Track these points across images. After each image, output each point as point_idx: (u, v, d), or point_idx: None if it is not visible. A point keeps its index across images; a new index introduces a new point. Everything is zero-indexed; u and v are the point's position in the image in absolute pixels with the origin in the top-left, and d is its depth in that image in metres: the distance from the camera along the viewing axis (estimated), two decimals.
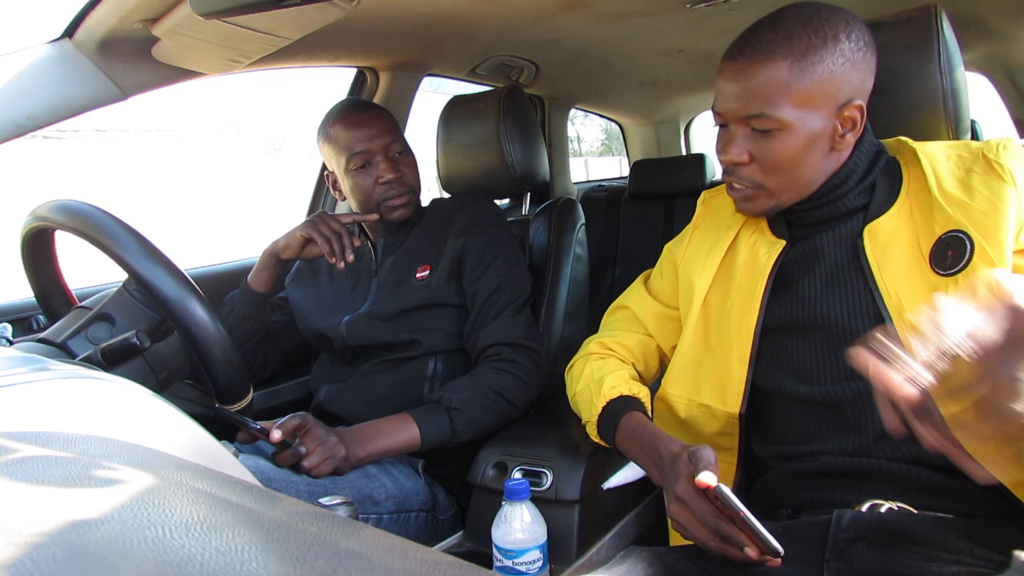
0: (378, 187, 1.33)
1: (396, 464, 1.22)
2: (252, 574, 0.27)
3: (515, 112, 1.50)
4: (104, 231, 0.83)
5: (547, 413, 1.31)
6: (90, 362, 0.85)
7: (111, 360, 0.86)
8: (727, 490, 0.73)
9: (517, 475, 1.05)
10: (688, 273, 1.04)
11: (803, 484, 0.90)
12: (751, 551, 0.73)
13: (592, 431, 1.01)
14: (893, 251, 0.86)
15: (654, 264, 1.14)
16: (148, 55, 1.21)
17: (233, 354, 0.88)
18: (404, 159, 1.37)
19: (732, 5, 1.58)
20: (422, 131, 1.97)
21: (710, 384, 0.96)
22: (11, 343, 0.89)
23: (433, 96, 2.05)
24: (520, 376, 1.24)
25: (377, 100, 1.75)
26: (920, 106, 0.97)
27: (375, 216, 1.35)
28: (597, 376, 1.02)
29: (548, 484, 1.02)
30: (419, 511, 1.20)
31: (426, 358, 1.32)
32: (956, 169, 0.85)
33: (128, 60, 1.20)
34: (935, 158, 0.87)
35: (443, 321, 1.32)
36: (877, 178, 0.91)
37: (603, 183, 3.01)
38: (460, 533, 1.11)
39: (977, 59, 2.45)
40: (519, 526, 0.94)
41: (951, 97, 0.96)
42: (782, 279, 0.94)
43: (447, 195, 1.57)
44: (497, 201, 1.58)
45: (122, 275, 0.89)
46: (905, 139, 0.92)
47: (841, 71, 0.84)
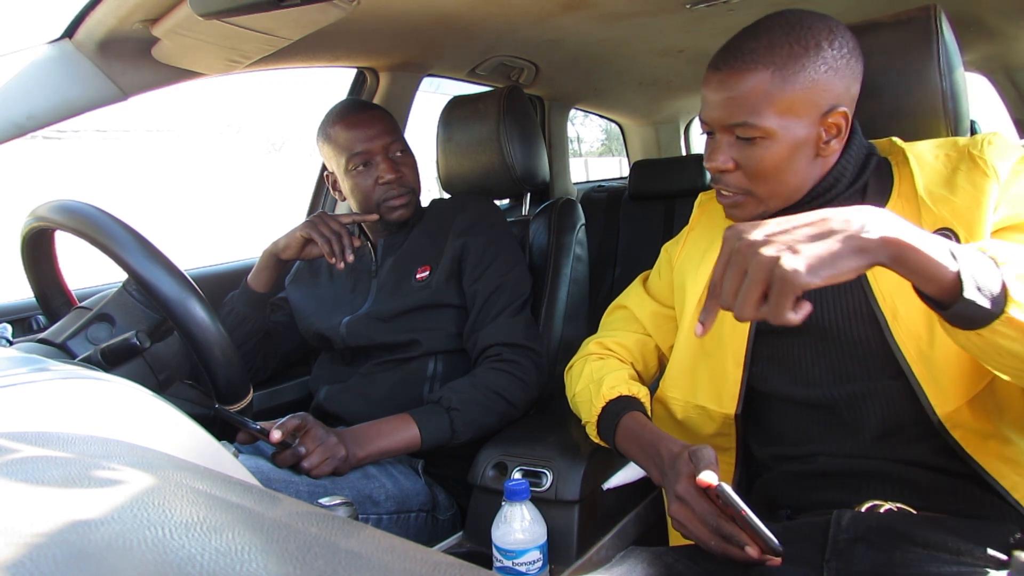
0: (378, 187, 1.33)
1: (396, 464, 1.22)
2: (252, 574, 0.27)
3: (515, 112, 1.50)
4: (104, 231, 0.83)
5: (547, 413, 1.31)
6: (90, 362, 0.85)
7: (111, 360, 0.86)
8: (728, 489, 0.73)
9: (517, 475, 1.05)
10: (682, 275, 1.04)
11: (802, 485, 0.90)
12: (752, 550, 0.73)
13: (592, 431, 1.01)
14: None
15: (654, 264, 1.14)
16: (148, 55, 1.21)
17: (233, 354, 0.88)
18: (404, 159, 1.37)
19: (732, 5, 1.58)
20: (422, 131, 1.97)
21: (706, 386, 0.96)
22: (11, 343, 0.89)
23: (433, 96, 2.05)
24: (520, 376, 1.24)
25: (377, 100, 1.75)
26: (920, 107, 0.97)
27: (375, 216, 1.35)
28: (596, 376, 1.02)
29: (548, 484, 1.02)
30: (419, 511, 1.20)
31: (426, 358, 1.32)
32: (943, 168, 0.85)
33: (128, 60, 1.20)
34: (923, 157, 0.88)
35: (443, 321, 1.32)
36: (868, 180, 0.91)
37: (603, 183, 3.01)
38: (460, 533, 1.11)
39: (977, 59, 2.45)
40: (519, 526, 0.94)
41: (951, 98, 0.95)
42: None
43: (447, 195, 1.57)
44: (497, 201, 1.59)
45: (122, 275, 0.89)
46: (896, 140, 0.92)
47: (824, 79, 0.84)
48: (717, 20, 1.70)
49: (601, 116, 3.05)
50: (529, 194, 1.65)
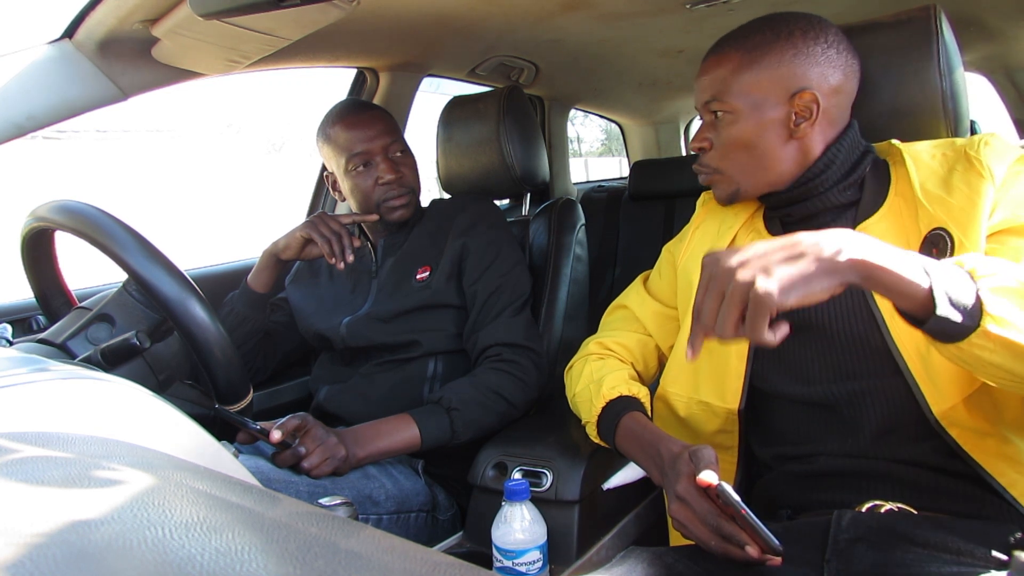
0: (378, 188, 1.33)
1: (396, 465, 1.22)
2: (252, 574, 0.27)
3: (515, 112, 1.50)
4: (104, 231, 0.83)
5: (547, 413, 1.31)
6: (90, 362, 0.85)
7: (111, 360, 0.86)
8: (728, 488, 0.73)
9: (517, 475, 1.05)
10: (687, 272, 1.04)
11: (803, 485, 0.90)
12: (752, 550, 0.73)
13: (592, 431, 1.01)
14: None
15: (654, 264, 1.14)
16: (148, 55, 1.21)
17: (233, 354, 0.88)
18: (404, 160, 1.37)
19: (732, 5, 1.58)
20: (422, 131, 1.97)
21: (709, 381, 0.96)
22: (11, 343, 0.89)
23: (433, 96, 2.05)
24: (520, 376, 1.24)
25: (377, 101, 1.75)
26: (919, 107, 0.97)
27: (375, 217, 1.35)
28: (596, 376, 1.02)
29: (548, 484, 1.02)
30: (419, 511, 1.20)
31: (426, 359, 1.32)
32: (940, 168, 0.86)
33: (128, 60, 1.20)
34: (919, 157, 0.88)
35: (443, 322, 1.32)
36: (866, 179, 0.91)
37: (603, 183, 3.01)
38: (460, 533, 1.11)
39: (977, 59, 2.45)
40: (519, 526, 0.94)
41: (951, 98, 0.95)
42: None
43: (447, 195, 1.57)
44: (497, 201, 1.59)
45: (122, 275, 0.89)
46: (894, 141, 0.93)
47: (792, 62, 0.89)
48: (717, 20, 1.70)
49: (601, 116, 3.05)
50: (529, 194, 1.65)
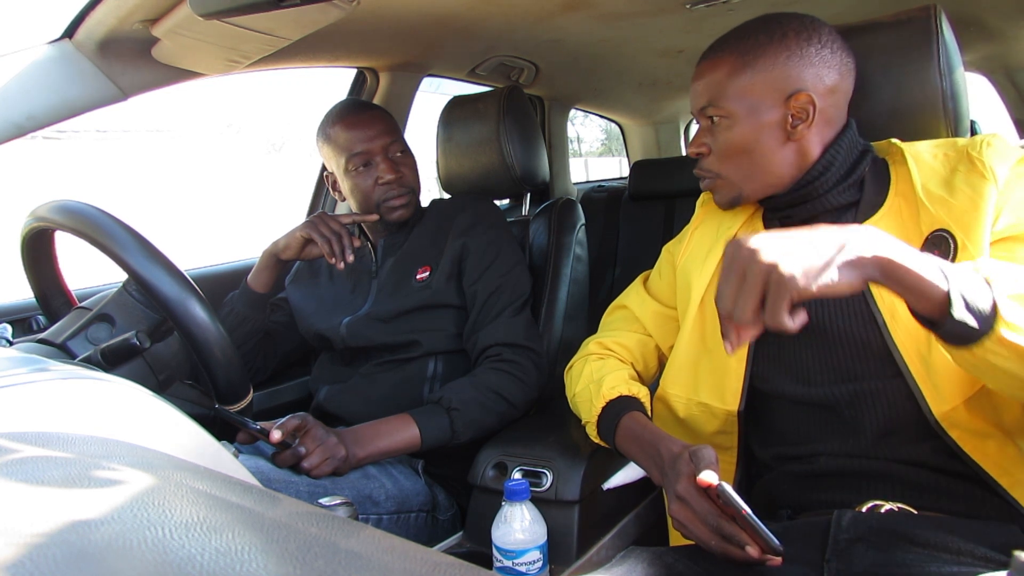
0: (378, 188, 1.33)
1: (396, 465, 1.22)
2: (252, 574, 0.27)
3: (515, 112, 1.50)
4: (104, 231, 0.83)
5: (547, 413, 1.31)
6: (90, 362, 0.85)
7: (111, 360, 0.86)
8: (729, 488, 0.73)
9: (517, 475, 1.05)
10: (687, 273, 1.04)
11: (803, 485, 0.90)
12: (752, 550, 0.73)
13: (592, 431, 1.01)
14: None
15: (654, 264, 1.14)
16: (148, 55, 1.21)
17: (233, 354, 0.88)
18: (404, 160, 1.37)
19: (732, 5, 1.58)
20: (422, 131, 1.97)
21: (708, 383, 0.96)
22: (11, 343, 0.89)
23: (433, 96, 2.05)
24: (520, 376, 1.24)
25: (377, 101, 1.75)
26: (920, 107, 0.97)
27: (375, 217, 1.35)
28: (596, 376, 1.02)
29: (548, 484, 1.02)
30: (419, 511, 1.20)
31: (426, 359, 1.32)
32: (942, 168, 0.86)
33: (128, 60, 1.20)
34: (921, 157, 0.88)
35: (443, 322, 1.32)
36: (866, 179, 0.91)
37: (603, 183, 3.01)
38: (460, 533, 1.11)
39: (977, 59, 2.45)
40: (519, 526, 0.94)
41: (951, 98, 0.95)
42: None
43: (447, 195, 1.57)
44: (497, 201, 1.59)
45: (122, 275, 0.89)
46: (894, 140, 0.92)
47: (786, 64, 0.88)
48: (717, 20, 1.70)
49: (601, 116, 3.05)
50: (529, 194, 1.65)
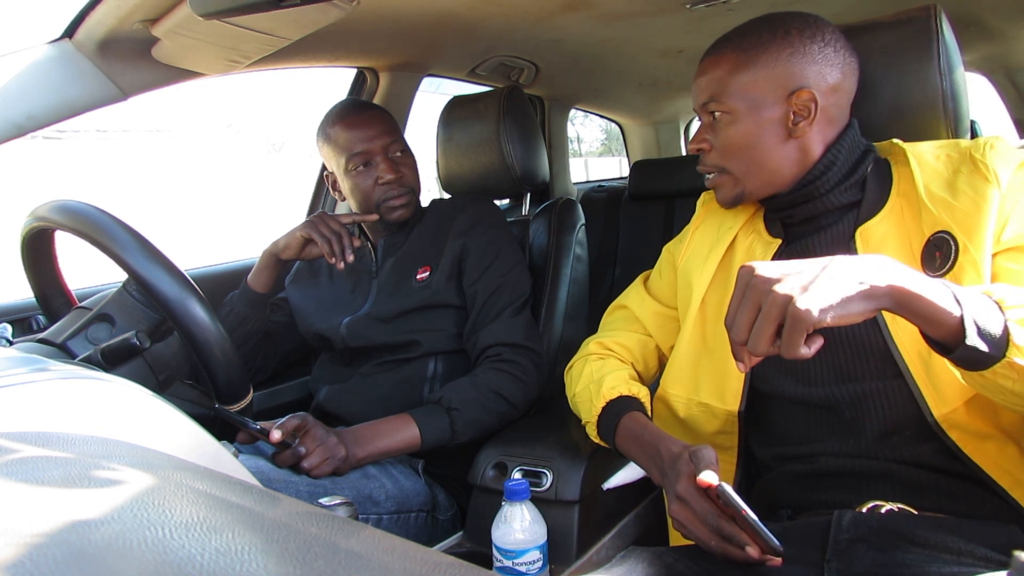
0: (378, 188, 1.33)
1: (396, 464, 1.22)
2: (252, 574, 0.27)
3: (515, 112, 1.50)
4: (104, 231, 0.83)
5: (547, 413, 1.31)
6: (90, 362, 0.85)
7: (111, 360, 0.86)
8: (729, 489, 0.73)
9: (517, 475, 1.05)
10: (687, 273, 1.04)
11: (803, 485, 0.90)
12: (752, 550, 0.73)
13: (592, 431, 1.01)
14: (886, 253, 0.85)
15: (654, 264, 1.14)
16: (148, 55, 1.21)
17: (233, 354, 0.88)
18: (404, 160, 1.37)
19: (732, 5, 1.58)
20: (422, 131, 1.97)
21: (709, 383, 0.96)
22: (11, 343, 0.89)
23: (433, 96, 2.05)
24: (520, 376, 1.24)
25: (377, 100, 1.75)
26: (920, 107, 0.97)
27: (375, 217, 1.35)
28: (597, 376, 1.02)
29: (548, 484, 1.02)
30: (419, 511, 1.20)
31: (426, 359, 1.32)
32: (944, 169, 0.85)
33: (128, 60, 1.20)
34: (923, 158, 0.88)
35: (443, 322, 1.32)
36: (868, 179, 0.91)
37: (603, 183, 3.01)
38: (460, 533, 1.11)
39: (977, 59, 2.45)
40: (519, 526, 0.94)
41: (951, 98, 0.95)
42: None
43: (447, 195, 1.57)
44: (497, 201, 1.58)
45: (122, 275, 0.89)
46: (896, 141, 0.92)
47: (788, 60, 0.89)
48: (717, 20, 1.70)
49: (601, 116, 3.05)
50: (529, 194, 1.65)
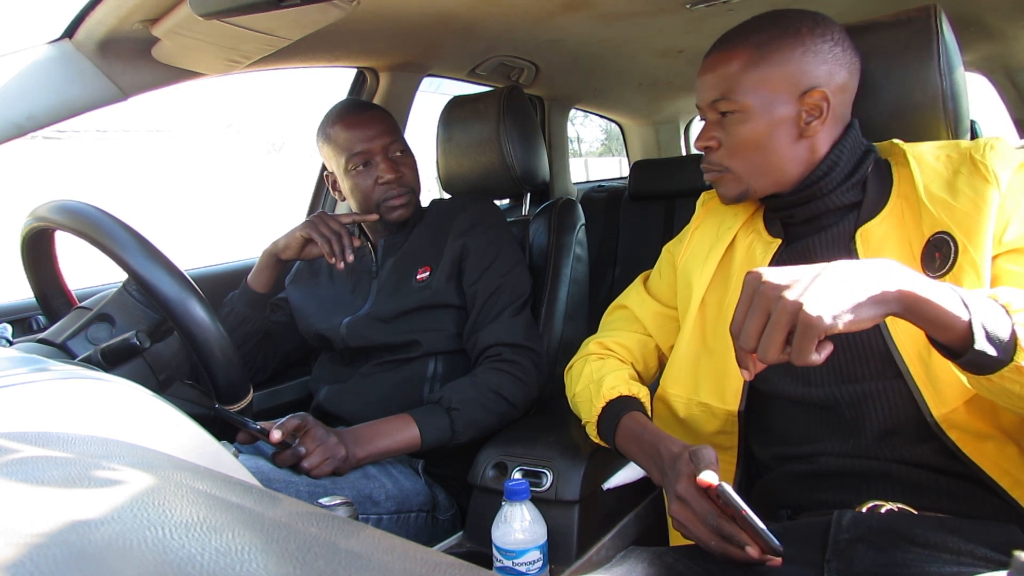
0: (378, 187, 1.33)
1: (396, 464, 1.22)
2: (252, 574, 0.27)
3: (515, 112, 1.50)
4: (104, 231, 0.83)
5: (547, 413, 1.31)
6: (90, 362, 0.85)
7: (111, 360, 0.86)
8: (729, 489, 0.73)
9: (517, 475, 1.05)
10: (687, 273, 1.04)
11: (803, 485, 0.90)
12: (752, 550, 0.73)
13: (592, 431, 1.01)
14: (886, 253, 0.85)
15: (654, 264, 1.14)
16: (148, 55, 1.21)
17: (233, 354, 0.88)
18: (404, 160, 1.37)
19: (732, 5, 1.58)
20: (422, 131, 1.97)
21: (709, 383, 0.96)
22: (11, 343, 0.89)
23: (433, 96, 2.05)
24: (520, 376, 1.24)
25: (377, 100, 1.75)
26: (920, 107, 0.97)
27: (375, 216, 1.35)
28: (597, 376, 1.02)
29: (548, 484, 1.02)
30: (419, 511, 1.20)
31: (426, 359, 1.32)
32: (944, 170, 0.85)
33: (128, 60, 1.20)
34: (923, 159, 0.88)
35: (443, 322, 1.32)
36: (868, 179, 0.91)
37: (603, 183, 3.01)
38: (460, 533, 1.11)
39: (977, 59, 2.45)
40: (519, 526, 0.94)
41: (951, 98, 0.95)
42: None
43: (447, 195, 1.57)
44: (497, 201, 1.58)
45: (122, 275, 0.89)
46: (896, 141, 0.92)
47: (800, 59, 0.88)
48: (717, 20, 1.70)
49: (601, 116, 3.05)
50: (529, 194, 1.65)
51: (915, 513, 0.82)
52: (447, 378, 1.30)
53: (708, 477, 0.74)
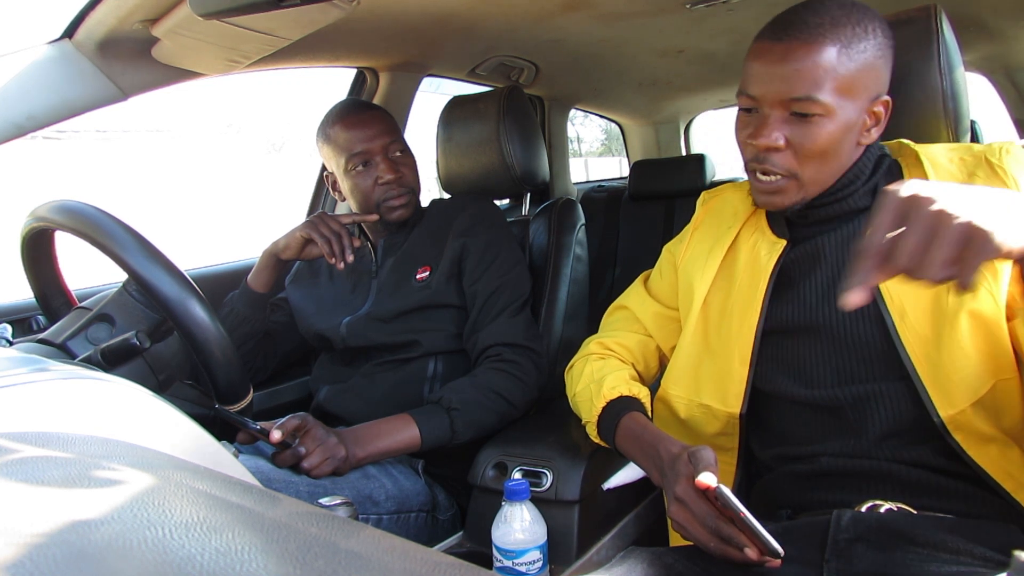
0: (378, 188, 1.33)
1: (396, 465, 1.22)
2: (252, 574, 0.27)
3: (515, 112, 1.50)
4: (104, 231, 0.83)
5: (547, 413, 1.31)
6: (90, 362, 0.85)
7: (111, 360, 0.86)
8: (727, 491, 0.73)
9: (517, 475, 1.05)
10: (688, 274, 1.04)
11: (803, 485, 0.90)
12: (751, 552, 0.73)
13: (592, 431, 1.01)
14: None
15: (654, 264, 1.14)
16: (148, 55, 1.21)
17: (233, 354, 0.88)
18: (404, 160, 1.37)
19: (732, 6, 1.58)
20: (422, 131, 1.97)
21: (710, 385, 0.96)
22: (11, 343, 0.89)
23: (433, 96, 2.05)
24: (520, 376, 1.24)
25: (377, 100, 1.75)
26: (920, 106, 0.97)
27: (375, 217, 1.35)
28: (597, 376, 1.02)
29: (548, 484, 1.02)
30: (419, 511, 1.20)
31: (426, 359, 1.32)
32: (959, 172, 0.85)
33: (128, 60, 1.20)
34: (937, 161, 0.87)
35: (443, 322, 1.32)
36: (880, 180, 0.91)
37: (603, 183, 3.01)
38: (460, 533, 1.11)
39: (977, 59, 2.45)
40: (519, 526, 0.94)
41: (951, 97, 0.95)
42: (783, 280, 0.93)
43: (447, 195, 1.57)
44: (497, 201, 1.59)
45: (122, 275, 0.89)
46: (906, 141, 0.92)
47: (878, 64, 0.85)
48: (717, 20, 1.70)
49: (601, 116, 3.05)
50: (529, 194, 1.65)
51: (915, 513, 0.82)
52: (447, 378, 1.30)
53: (706, 479, 0.74)
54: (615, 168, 9.41)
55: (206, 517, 0.33)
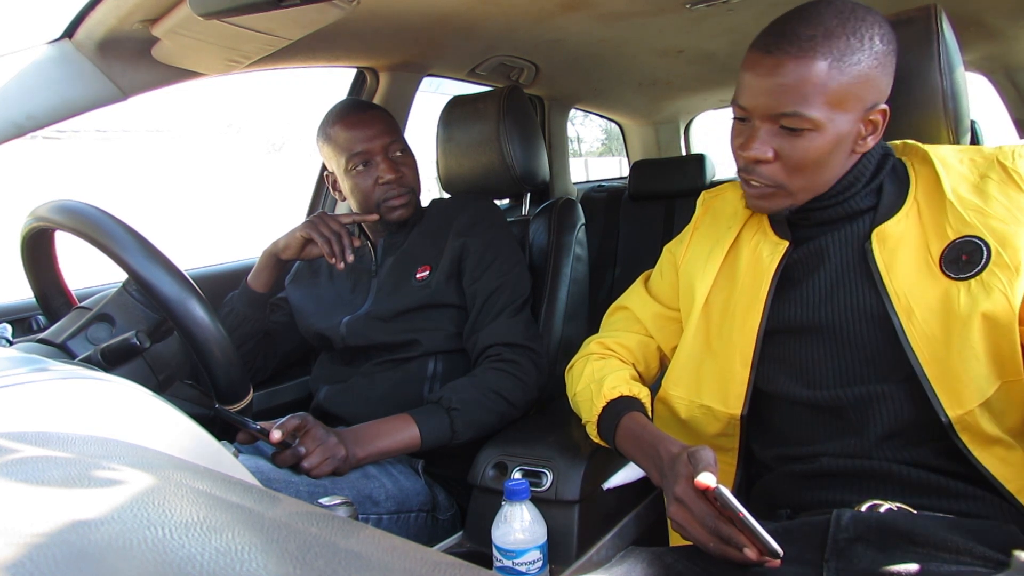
0: (378, 187, 1.33)
1: (396, 464, 1.22)
2: (252, 574, 0.27)
3: (515, 112, 1.50)
4: (104, 231, 0.83)
5: (547, 413, 1.31)
6: (90, 362, 0.85)
7: (111, 360, 0.86)
8: (726, 491, 0.73)
9: (517, 475, 1.05)
10: (689, 274, 1.03)
11: (803, 485, 0.90)
12: (750, 552, 0.73)
13: (592, 431, 1.01)
14: (902, 254, 0.85)
15: (654, 264, 1.14)
16: (148, 55, 1.21)
17: (233, 354, 0.88)
18: (404, 159, 1.37)
19: (732, 6, 1.58)
20: (422, 131, 1.97)
21: (711, 385, 0.96)
22: (11, 343, 0.89)
23: (433, 96, 2.05)
24: (520, 376, 1.24)
25: (377, 100, 1.75)
26: (920, 106, 0.97)
27: (375, 216, 1.35)
28: (598, 376, 1.02)
29: (548, 484, 1.02)
30: (419, 511, 1.20)
31: (426, 358, 1.32)
32: (970, 174, 0.85)
33: (128, 60, 1.20)
34: (948, 162, 0.87)
35: (443, 321, 1.32)
36: (884, 180, 0.91)
37: (603, 183, 3.01)
38: (460, 533, 1.11)
39: (977, 59, 2.45)
40: (519, 526, 0.94)
41: (951, 97, 0.95)
42: (785, 280, 0.93)
43: (447, 195, 1.57)
44: (497, 201, 1.59)
45: (122, 275, 0.89)
46: (912, 142, 0.92)
47: (873, 74, 0.83)
48: (717, 20, 1.70)
49: (601, 116, 3.05)
50: (529, 194, 1.65)
51: (914, 513, 0.82)
52: (447, 378, 1.30)
53: (706, 479, 0.74)
54: (615, 168, 9.41)
55: (206, 517, 0.33)
